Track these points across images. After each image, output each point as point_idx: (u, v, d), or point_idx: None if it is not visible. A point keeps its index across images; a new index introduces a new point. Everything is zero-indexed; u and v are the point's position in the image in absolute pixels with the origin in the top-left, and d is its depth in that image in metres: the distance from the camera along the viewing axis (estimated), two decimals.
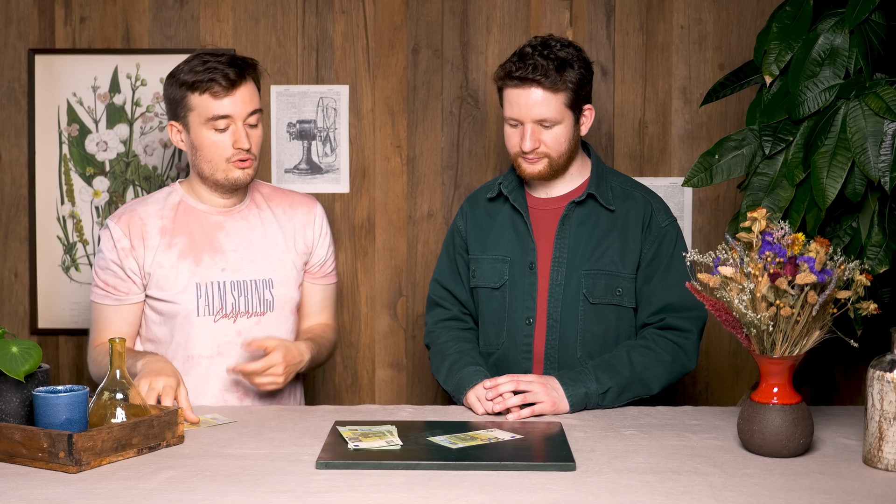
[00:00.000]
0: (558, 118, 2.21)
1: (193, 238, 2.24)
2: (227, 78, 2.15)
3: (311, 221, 2.36)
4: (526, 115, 2.21)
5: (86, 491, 1.57)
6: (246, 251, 2.26)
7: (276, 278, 2.28)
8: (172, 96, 2.21)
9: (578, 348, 2.24)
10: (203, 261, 2.23)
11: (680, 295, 2.19)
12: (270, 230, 2.30)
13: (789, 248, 1.71)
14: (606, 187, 2.30)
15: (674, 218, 2.30)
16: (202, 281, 2.22)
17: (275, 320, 2.27)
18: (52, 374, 2.66)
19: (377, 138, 2.93)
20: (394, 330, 2.96)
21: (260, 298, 2.26)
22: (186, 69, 2.18)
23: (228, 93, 2.15)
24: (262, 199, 2.34)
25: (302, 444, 1.82)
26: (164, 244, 2.22)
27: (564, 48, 2.22)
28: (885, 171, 2.02)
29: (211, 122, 2.16)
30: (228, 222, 2.27)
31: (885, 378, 1.66)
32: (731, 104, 2.87)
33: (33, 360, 1.74)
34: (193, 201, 2.27)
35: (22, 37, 2.91)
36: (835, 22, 2.17)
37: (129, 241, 2.21)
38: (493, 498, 1.53)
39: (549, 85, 2.18)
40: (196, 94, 2.16)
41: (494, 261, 2.32)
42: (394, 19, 2.91)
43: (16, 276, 2.95)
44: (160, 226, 2.23)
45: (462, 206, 2.44)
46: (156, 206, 2.26)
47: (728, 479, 1.62)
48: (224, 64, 2.17)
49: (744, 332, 1.76)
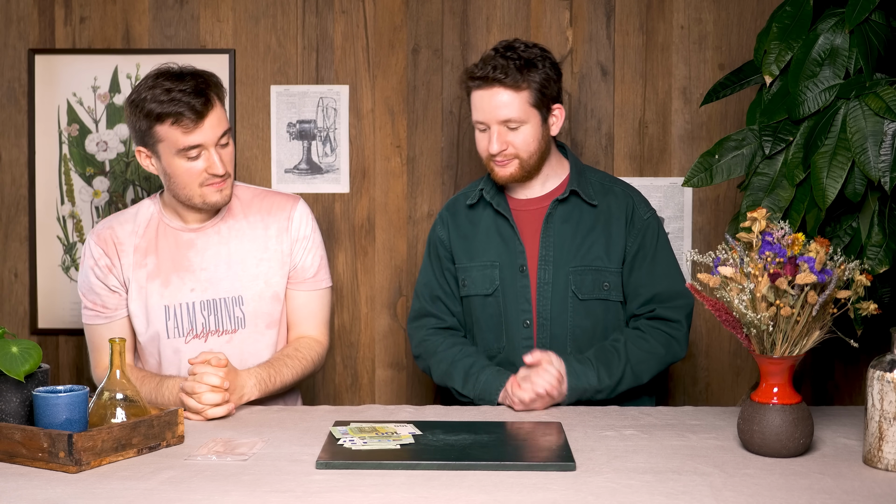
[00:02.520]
0: (523, 118, 2.20)
1: (163, 258, 2.22)
2: (194, 110, 2.08)
3: (287, 228, 2.28)
4: (491, 118, 2.20)
5: (86, 491, 1.57)
6: (215, 269, 2.23)
7: (246, 295, 2.23)
8: (138, 126, 2.14)
9: (569, 344, 2.25)
10: (172, 282, 2.22)
11: (667, 285, 2.25)
12: (244, 243, 2.25)
13: (789, 248, 1.71)
14: (587, 184, 2.31)
15: (654, 210, 2.34)
16: (171, 303, 2.21)
17: (248, 337, 2.24)
18: (52, 374, 2.66)
19: (377, 138, 2.93)
20: (394, 330, 2.96)
21: (230, 316, 2.22)
22: (150, 97, 2.10)
23: (198, 124, 2.10)
24: (239, 207, 2.28)
25: (302, 444, 1.82)
26: (136, 263, 2.22)
27: (528, 49, 2.22)
28: (885, 171, 2.02)
29: (182, 153, 2.12)
30: (200, 239, 2.24)
31: (885, 378, 1.66)
32: (731, 104, 2.87)
33: (33, 360, 1.74)
34: (168, 217, 2.25)
35: (22, 37, 2.91)
36: (835, 22, 2.17)
37: (108, 258, 2.22)
38: (493, 498, 1.53)
39: (512, 83, 2.18)
40: (164, 125, 2.10)
41: (483, 267, 2.31)
42: (394, 19, 2.91)
43: (16, 276, 2.95)
44: (134, 244, 2.23)
45: (441, 215, 2.41)
46: (130, 224, 2.25)
47: (728, 479, 1.62)
48: (189, 94, 2.08)
49: (744, 332, 1.76)
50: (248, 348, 2.23)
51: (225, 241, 2.25)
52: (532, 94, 2.20)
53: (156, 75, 2.13)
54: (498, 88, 2.18)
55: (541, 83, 2.20)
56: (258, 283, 2.25)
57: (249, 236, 2.26)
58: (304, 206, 2.33)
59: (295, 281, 2.29)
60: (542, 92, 2.21)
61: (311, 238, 2.31)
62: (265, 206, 2.29)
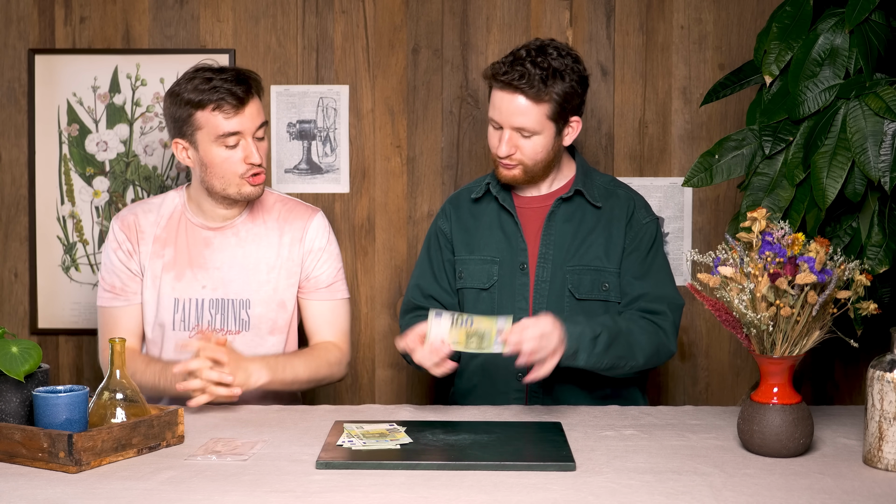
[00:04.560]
0: (537, 129, 2.18)
1: (180, 252, 2.26)
2: (235, 97, 2.14)
3: (301, 238, 2.30)
4: (506, 121, 2.19)
5: (86, 491, 1.57)
6: (229, 269, 2.26)
7: (253, 299, 2.26)
8: (177, 115, 2.19)
9: None
10: (185, 276, 2.25)
11: (655, 286, 2.21)
12: (260, 248, 2.28)
13: (789, 248, 1.71)
14: (592, 185, 2.30)
15: (655, 217, 2.31)
16: (181, 297, 2.25)
17: (251, 339, 2.26)
18: (52, 374, 2.66)
19: (377, 138, 2.93)
20: (394, 330, 2.96)
21: (236, 317, 2.26)
22: (190, 88, 2.16)
23: (238, 111, 2.15)
24: (260, 211, 2.31)
25: (302, 444, 1.82)
26: (154, 252, 2.27)
27: (561, 57, 2.17)
28: (885, 171, 2.02)
29: (221, 140, 2.16)
30: (217, 238, 2.27)
31: (885, 378, 1.66)
32: (731, 104, 2.87)
33: (33, 360, 1.75)
34: (190, 213, 2.29)
35: (22, 37, 2.91)
36: (835, 22, 2.17)
37: (130, 243, 2.27)
38: (493, 498, 1.53)
39: (533, 95, 2.14)
40: (205, 111, 2.15)
41: (483, 262, 2.31)
42: (394, 19, 2.91)
43: (16, 276, 2.95)
44: (154, 234, 2.27)
45: (444, 208, 2.41)
46: (153, 214, 2.30)
47: (728, 479, 1.62)
48: (230, 82, 2.15)
49: (744, 332, 1.76)
50: (249, 351, 2.23)
51: (241, 244, 2.28)
52: (552, 107, 2.17)
53: (195, 69, 2.20)
54: (519, 95, 2.15)
55: (563, 97, 2.16)
56: (267, 288, 2.28)
57: (265, 242, 2.29)
58: (322, 218, 2.35)
59: (309, 290, 2.32)
60: (562, 105, 2.17)
61: (325, 249, 2.32)
62: (284, 214, 2.32)
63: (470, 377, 2.32)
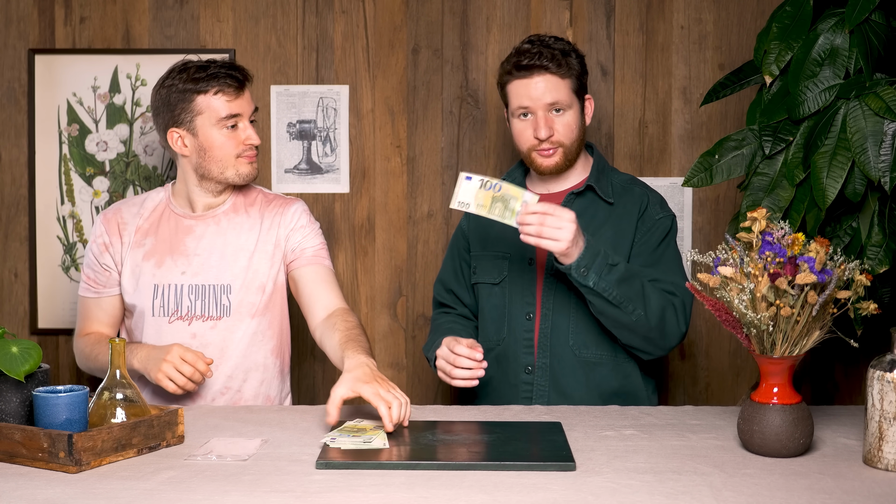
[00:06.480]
0: (569, 102, 2.26)
1: (161, 240, 2.32)
2: (236, 80, 2.25)
3: (280, 222, 2.34)
4: (538, 102, 2.24)
5: (86, 491, 1.57)
6: (209, 256, 2.30)
7: (235, 284, 2.29)
8: (174, 101, 2.25)
9: (570, 336, 2.25)
10: (165, 263, 2.30)
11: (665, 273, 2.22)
12: (240, 237, 2.32)
13: (789, 248, 1.71)
14: (607, 182, 2.32)
15: (672, 214, 2.31)
16: (161, 283, 2.29)
17: (232, 324, 2.28)
18: (52, 374, 2.66)
19: (377, 138, 2.93)
20: (394, 330, 2.96)
21: (217, 303, 2.29)
22: (185, 77, 2.24)
23: (238, 94, 2.26)
24: (242, 203, 2.36)
25: (302, 444, 1.82)
26: (135, 243, 2.32)
27: (559, 41, 2.29)
28: (885, 171, 2.02)
29: (223, 122, 2.24)
30: (199, 226, 2.32)
31: (885, 378, 1.66)
32: (731, 104, 2.87)
33: (33, 360, 1.75)
34: (175, 204, 2.35)
35: (22, 37, 2.91)
36: (835, 22, 2.17)
37: (109, 237, 2.33)
38: (493, 498, 1.53)
39: (556, 70, 2.24)
40: (206, 96, 2.23)
41: (494, 257, 2.35)
42: (394, 19, 2.91)
43: (16, 276, 2.95)
44: (137, 225, 2.34)
45: None
46: (137, 207, 2.37)
47: (728, 479, 1.62)
48: (226, 69, 2.26)
49: (744, 332, 1.76)
50: (230, 336, 2.28)
51: (222, 233, 2.32)
52: (573, 81, 2.27)
53: (183, 64, 2.28)
54: (545, 74, 2.24)
55: (579, 72, 2.29)
56: (247, 274, 2.31)
57: (246, 228, 2.33)
58: (301, 205, 2.40)
59: (297, 262, 2.33)
60: (580, 80, 2.29)
61: (307, 227, 2.36)
62: (265, 204, 2.38)
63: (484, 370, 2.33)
